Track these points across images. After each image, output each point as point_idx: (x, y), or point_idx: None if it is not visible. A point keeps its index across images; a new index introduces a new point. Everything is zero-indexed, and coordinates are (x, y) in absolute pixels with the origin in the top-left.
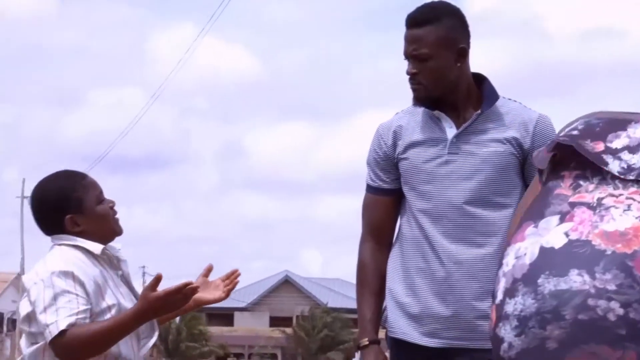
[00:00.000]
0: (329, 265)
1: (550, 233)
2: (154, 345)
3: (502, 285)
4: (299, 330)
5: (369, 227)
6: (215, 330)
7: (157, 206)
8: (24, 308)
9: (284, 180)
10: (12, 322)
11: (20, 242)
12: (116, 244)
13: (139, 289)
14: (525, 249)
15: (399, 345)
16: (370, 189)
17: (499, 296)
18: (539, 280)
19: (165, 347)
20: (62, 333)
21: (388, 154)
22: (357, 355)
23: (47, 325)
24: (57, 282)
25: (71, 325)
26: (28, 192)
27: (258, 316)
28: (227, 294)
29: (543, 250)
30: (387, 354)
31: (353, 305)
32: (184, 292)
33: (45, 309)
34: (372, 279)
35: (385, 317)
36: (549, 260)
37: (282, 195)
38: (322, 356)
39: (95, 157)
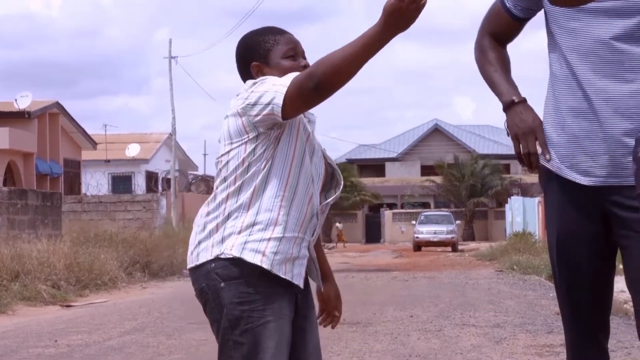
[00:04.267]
0: (481, 111)
1: None
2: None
3: None
4: (448, 178)
5: (490, 31)
6: (367, 181)
7: (310, 60)
8: (221, 131)
9: (435, 27)
10: (167, 182)
11: (171, 102)
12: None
13: None
14: None
15: (552, 178)
16: (503, 4)
17: None
18: None
19: None
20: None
21: None
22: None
23: (271, 102)
24: (256, 87)
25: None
26: (175, 53)
27: (409, 165)
28: None
29: None
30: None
31: (503, 151)
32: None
33: (260, 98)
34: (496, 60)
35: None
36: None
37: (434, 43)
38: (473, 201)
39: (244, 13)
